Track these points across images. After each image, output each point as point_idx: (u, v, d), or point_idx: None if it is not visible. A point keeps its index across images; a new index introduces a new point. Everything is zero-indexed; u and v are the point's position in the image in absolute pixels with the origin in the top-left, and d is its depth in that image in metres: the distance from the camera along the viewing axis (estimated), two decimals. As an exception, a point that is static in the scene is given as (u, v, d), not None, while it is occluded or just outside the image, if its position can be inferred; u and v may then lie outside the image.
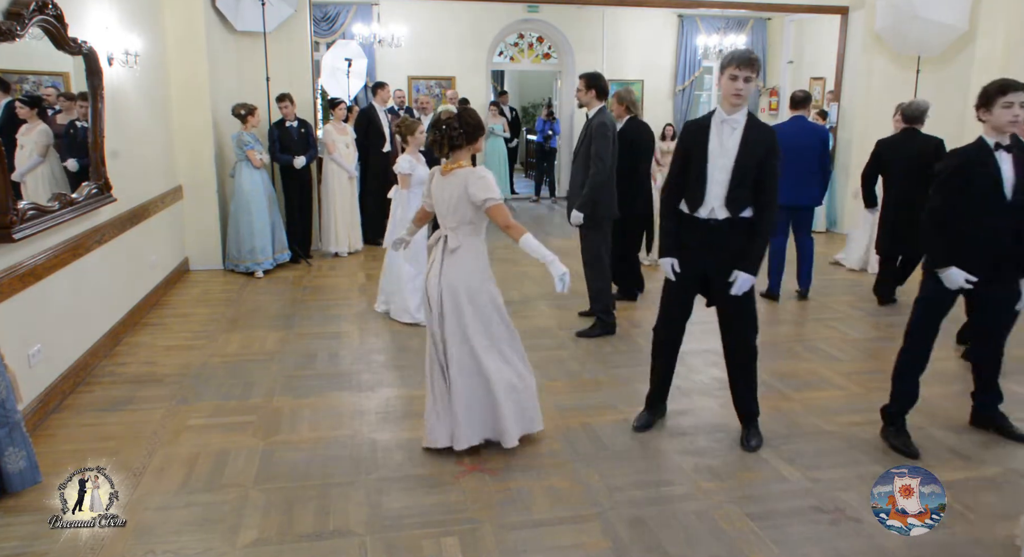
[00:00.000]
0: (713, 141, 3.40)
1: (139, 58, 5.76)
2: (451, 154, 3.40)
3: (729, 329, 3.63)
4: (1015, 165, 3.36)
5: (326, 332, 5.42)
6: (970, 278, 3.40)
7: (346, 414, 4.01)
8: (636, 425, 3.84)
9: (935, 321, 3.58)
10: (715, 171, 3.39)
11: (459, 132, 3.35)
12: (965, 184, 3.39)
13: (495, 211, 3.33)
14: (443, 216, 3.47)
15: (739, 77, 3.29)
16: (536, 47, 12.79)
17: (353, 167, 8.00)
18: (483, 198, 3.30)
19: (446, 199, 3.41)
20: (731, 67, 3.30)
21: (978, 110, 3.41)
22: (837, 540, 2.88)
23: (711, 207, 3.43)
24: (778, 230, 6.26)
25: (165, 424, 3.86)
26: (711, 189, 3.40)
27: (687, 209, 3.51)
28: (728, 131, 3.38)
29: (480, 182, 3.31)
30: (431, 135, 3.42)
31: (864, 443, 3.69)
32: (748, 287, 3.46)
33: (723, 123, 3.39)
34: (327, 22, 11.18)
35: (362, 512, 3.05)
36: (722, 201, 3.40)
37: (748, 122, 3.39)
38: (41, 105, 4.35)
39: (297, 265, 7.50)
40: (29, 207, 3.84)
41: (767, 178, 3.39)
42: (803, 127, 6.11)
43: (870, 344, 5.20)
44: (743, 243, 3.43)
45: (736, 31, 12.34)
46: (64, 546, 2.77)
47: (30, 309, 3.80)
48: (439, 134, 3.37)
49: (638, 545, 2.84)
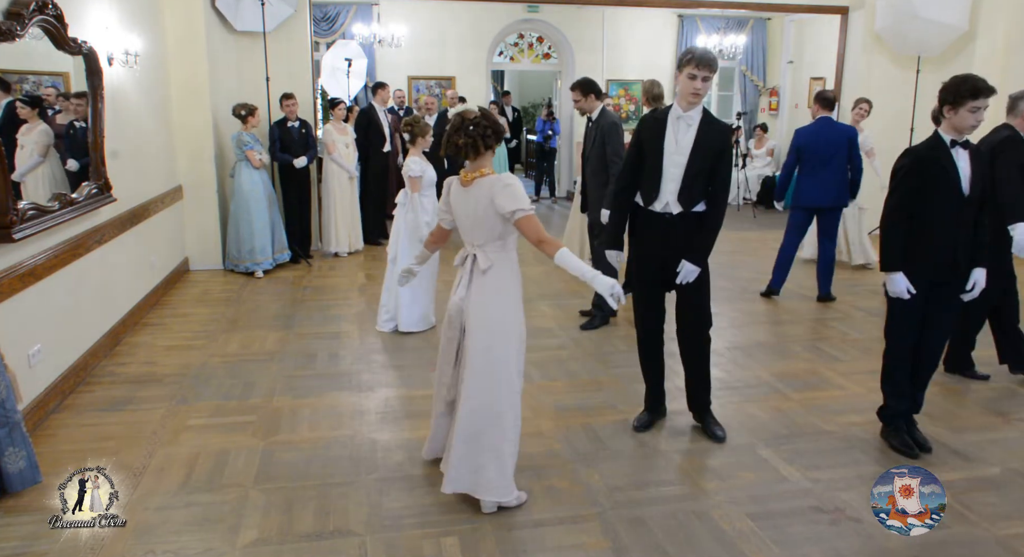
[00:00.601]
0: (669, 137, 3.46)
1: (139, 58, 5.76)
2: (475, 160, 2.98)
3: (682, 320, 3.69)
4: (971, 160, 3.36)
5: (326, 332, 5.42)
6: (911, 289, 3.38)
7: (346, 414, 4.01)
8: (636, 425, 3.84)
9: (909, 318, 3.52)
10: (670, 167, 3.46)
11: (490, 133, 2.96)
12: (922, 183, 3.35)
13: (525, 224, 2.88)
14: (467, 232, 3.05)
15: (698, 77, 3.32)
16: (536, 47, 12.78)
17: (353, 167, 8.00)
18: (511, 209, 2.87)
19: (470, 213, 2.99)
20: (690, 66, 3.33)
21: (943, 107, 3.33)
22: (837, 540, 2.88)
23: (665, 201, 3.50)
24: (792, 229, 6.32)
25: (165, 424, 3.86)
26: (665, 185, 3.48)
27: (642, 202, 3.59)
28: (684, 128, 3.44)
29: (507, 191, 2.89)
30: (459, 138, 2.94)
31: (864, 443, 3.70)
32: (693, 277, 3.53)
33: (679, 119, 3.45)
34: (327, 22, 11.18)
35: (362, 512, 3.05)
36: (675, 196, 3.48)
37: (703, 119, 3.44)
38: (42, 105, 4.36)
39: (297, 265, 7.50)
40: (29, 207, 3.84)
41: (719, 174, 3.47)
42: (831, 128, 6.15)
43: (870, 344, 5.20)
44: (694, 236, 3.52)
45: (736, 31, 12.34)
46: (64, 546, 2.77)
47: (30, 309, 3.80)
48: (468, 137, 2.93)
49: (638, 545, 2.84)
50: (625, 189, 3.66)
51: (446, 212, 3.17)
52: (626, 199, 3.66)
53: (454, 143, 2.97)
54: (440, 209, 3.23)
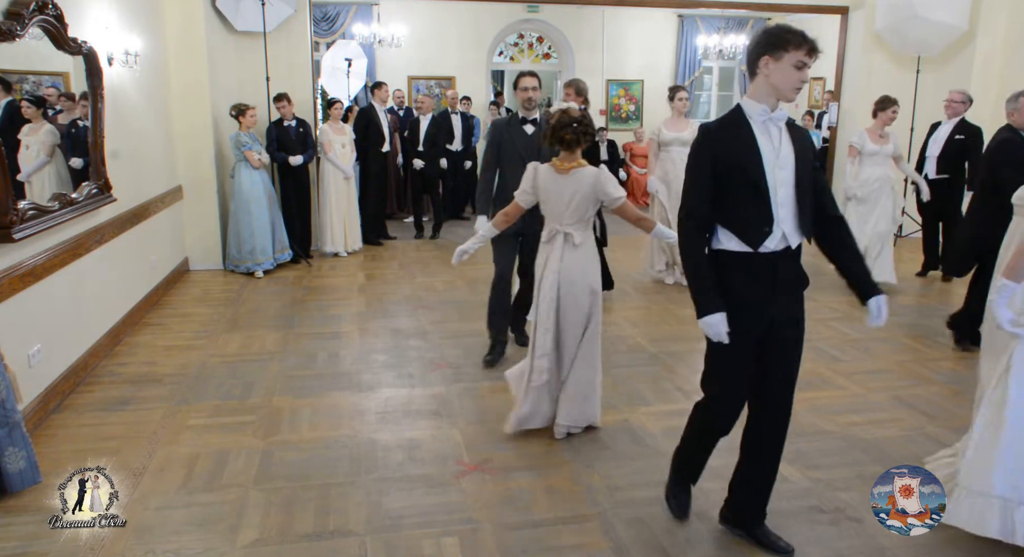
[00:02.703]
0: (765, 147, 2.58)
1: (139, 58, 5.76)
2: (573, 152, 3.49)
3: (769, 393, 2.75)
4: None
5: (326, 332, 5.42)
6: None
7: (346, 414, 4.01)
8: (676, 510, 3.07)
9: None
10: (778, 186, 2.59)
11: (590, 131, 3.48)
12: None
13: (626, 207, 3.54)
14: (556, 213, 3.56)
15: (806, 65, 2.51)
16: (536, 47, 12.79)
17: (350, 167, 7.98)
18: (616, 196, 3.49)
19: (565, 197, 3.50)
20: (800, 51, 2.47)
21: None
22: (837, 540, 2.88)
23: (781, 233, 2.60)
24: None
25: (165, 424, 3.86)
26: (777, 212, 2.58)
27: (741, 246, 2.61)
28: (776, 132, 2.61)
29: (611, 181, 3.50)
30: (566, 133, 3.43)
31: (864, 443, 3.70)
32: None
33: (768, 122, 2.60)
34: (327, 22, 11.18)
35: (362, 512, 3.05)
36: (794, 224, 2.62)
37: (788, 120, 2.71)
38: (45, 105, 4.36)
39: (297, 265, 7.50)
40: (29, 207, 3.84)
41: (820, 182, 2.72)
42: None
43: (870, 344, 5.20)
44: (802, 273, 2.74)
45: (736, 31, 12.34)
46: (64, 546, 2.77)
47: (30, 309, 3.80)
48: (574, 133, 3.43)
49: (638, 545, 2.84)
50: (701, 229, 2.65)
51: (531, 194, 3.63)
52: (706, 245, 2.68)
53: (560, 136, 3.47)
54: (524, 191, 3.66)
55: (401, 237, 9.00)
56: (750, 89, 2.63)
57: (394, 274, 7.27)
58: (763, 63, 2.52)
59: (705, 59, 12.60)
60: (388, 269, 7.49)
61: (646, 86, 12.61)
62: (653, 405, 4.15)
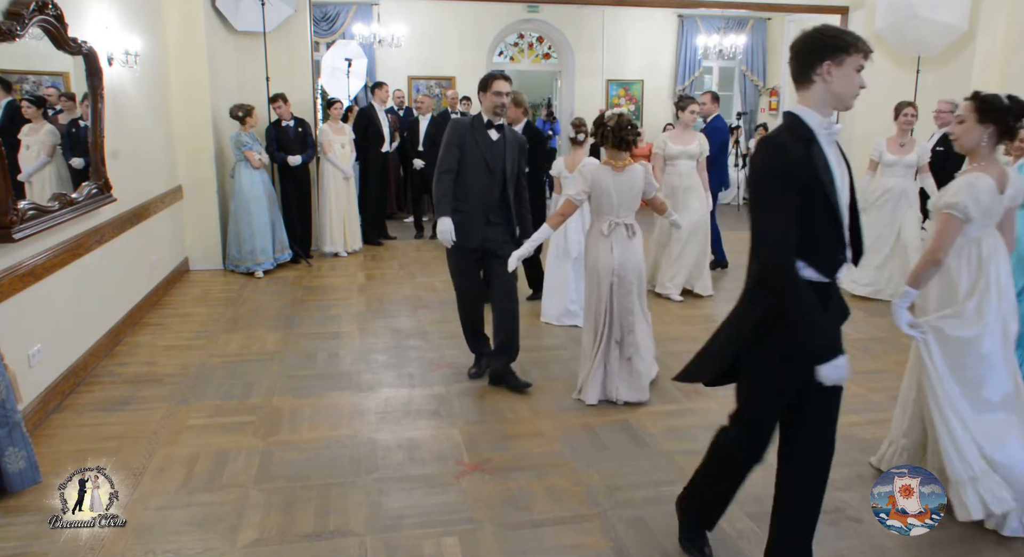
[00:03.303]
0: (834, 168, 2.31)
1: (139, 58, 5.76)
2: (624, 151, 3.96)
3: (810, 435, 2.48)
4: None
5: (326, 332, 5.42)
6: None
7: (346, 414, 4.01)
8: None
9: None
10: (844, 210, 2.33)
11: (638, 134, 3.98)
12: None
13: (659, 198, 4.20)
14: (615, 207, 4.01)
15: (863, 68, 2.28)
16: (536, 47, 12.79)
17: (350, 167, 7.98)
18: (656, 187, 4.13)
19: (624, 192, 3.99)
20: (858, 54, 2.24)
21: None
22: (837, 540, 2.88)
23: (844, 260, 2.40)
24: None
25: (165, 424, 3.86)
26: (846, 236, 2.35)
27: (818, 275, 2.34)
28: (834, 149, 2.35)
29: (650, 175, 4.06)
30: (627, 135, 3.89)
31: (864, 443, 3.69)
32: None
33: (830, 137, 2.32)
34: (327, 22, 11.18)
35: (362, 512, 3.05)
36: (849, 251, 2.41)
37: None
38: (45, 105, 4.36)
39: (297, 265, 7.50)
40: (29, 207, 3.84)
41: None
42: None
43: (870, 344, 5.20)
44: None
45: (736, 31, 12.34)
46: (64, 546, 2.77)
47: (30, 309, 3.80)
48: (628, 133, 3.90)
49: (638, 545, 2.84)
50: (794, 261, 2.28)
51: (587, 192, 4.01)
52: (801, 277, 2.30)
53: (620, 137, 3.91)
54: (580, 190, 4.02)
55: (401, 237, 9.01)
56: (804, 98, 2.31)
57: (394, 274, 7.27)
58: (824, 69, 2.23)
59: (705, 59, 12.60)
60: (388, 269, 7.49)
61: (646, 86, 12.61)
62: (653, 405, 4.15)
